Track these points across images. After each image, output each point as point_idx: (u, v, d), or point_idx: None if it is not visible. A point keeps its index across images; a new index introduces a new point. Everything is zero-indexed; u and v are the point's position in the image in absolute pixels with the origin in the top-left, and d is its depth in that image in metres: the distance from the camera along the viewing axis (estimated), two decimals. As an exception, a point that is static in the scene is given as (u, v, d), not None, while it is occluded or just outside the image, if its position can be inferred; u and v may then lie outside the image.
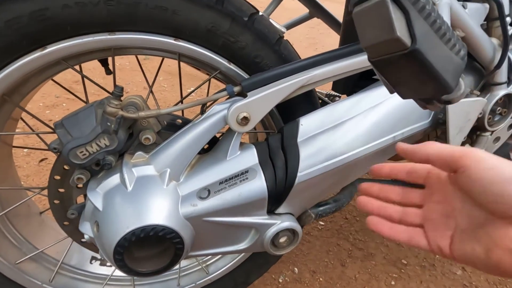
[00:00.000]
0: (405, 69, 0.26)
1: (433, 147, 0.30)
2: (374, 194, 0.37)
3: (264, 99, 0.49)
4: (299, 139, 0.52)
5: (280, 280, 0.92)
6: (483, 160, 0.27)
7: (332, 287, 0.92)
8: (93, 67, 1.93)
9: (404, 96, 0.32)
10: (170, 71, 2.05)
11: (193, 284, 0.72)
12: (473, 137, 0.64)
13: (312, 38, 3.14)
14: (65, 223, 0.56)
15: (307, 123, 0.53)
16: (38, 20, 0.41)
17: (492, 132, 0.63)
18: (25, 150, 1.32)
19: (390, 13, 0.24)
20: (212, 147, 0.55)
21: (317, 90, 1.10)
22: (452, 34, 0.26)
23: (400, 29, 0.24)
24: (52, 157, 1.31)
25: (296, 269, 0.95)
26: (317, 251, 1.02)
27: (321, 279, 0.93)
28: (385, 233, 0.34)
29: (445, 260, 1.03)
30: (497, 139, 0.65)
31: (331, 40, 3.14)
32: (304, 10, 0.99)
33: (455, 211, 0.30)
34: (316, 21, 1.01)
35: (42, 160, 1.29)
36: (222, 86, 0.93)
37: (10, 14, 0.40)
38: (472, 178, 0.27)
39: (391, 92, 0.33)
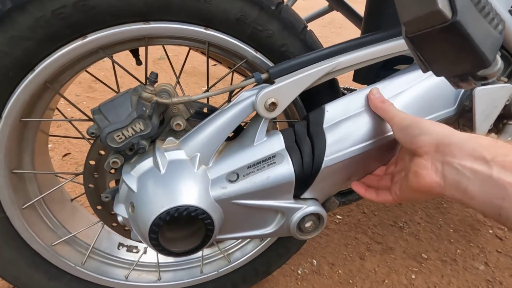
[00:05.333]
0: (443, 43, 0.27)
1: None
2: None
3: (292, 85, 0.50)
4: (325, 125, 0.53)
5: (299, 272, 0.92)
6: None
7: (351, 280, 0.92)
8: (110, 66, 1.99)
9: (438, 73, 0.32)
10: (184, 70, 2.08)
11: (216, 272, 0.74)
12: (499, 125, 0.63)
13: (324, 37, 3.14)
14: (98, 207, 0.59)
15: (333, 110, 0.54)
16: (81, 9, 0.43)
17: (519, 120, 0.63)
18: (50, 145, 1.37)
19: (430, -13, 0.25)
20: (237, 135, 0.56)
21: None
22: (491, 9, 0.27)
23: (442, 2, 0.25)
24: (75, 152, 1.36)
25: (314, 261, 0.96)
26: (336, 244, 1.02)
27: (340, 271, 0.94)
28: (361, 193, 0.53)
29: (467, 255, 1.01)
30: (524, 127, 0.65)
31: (343, 38, 3.10)
32: (313, 9, 1.00)
33: (404, 170, 0.47)
34: (328, 20, 1.02)
35: (65, 155, 1.34)
36: (242, 78, 0.94)
37: (56, 3, 0.42)
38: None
39: (425, 71, 0.34)
